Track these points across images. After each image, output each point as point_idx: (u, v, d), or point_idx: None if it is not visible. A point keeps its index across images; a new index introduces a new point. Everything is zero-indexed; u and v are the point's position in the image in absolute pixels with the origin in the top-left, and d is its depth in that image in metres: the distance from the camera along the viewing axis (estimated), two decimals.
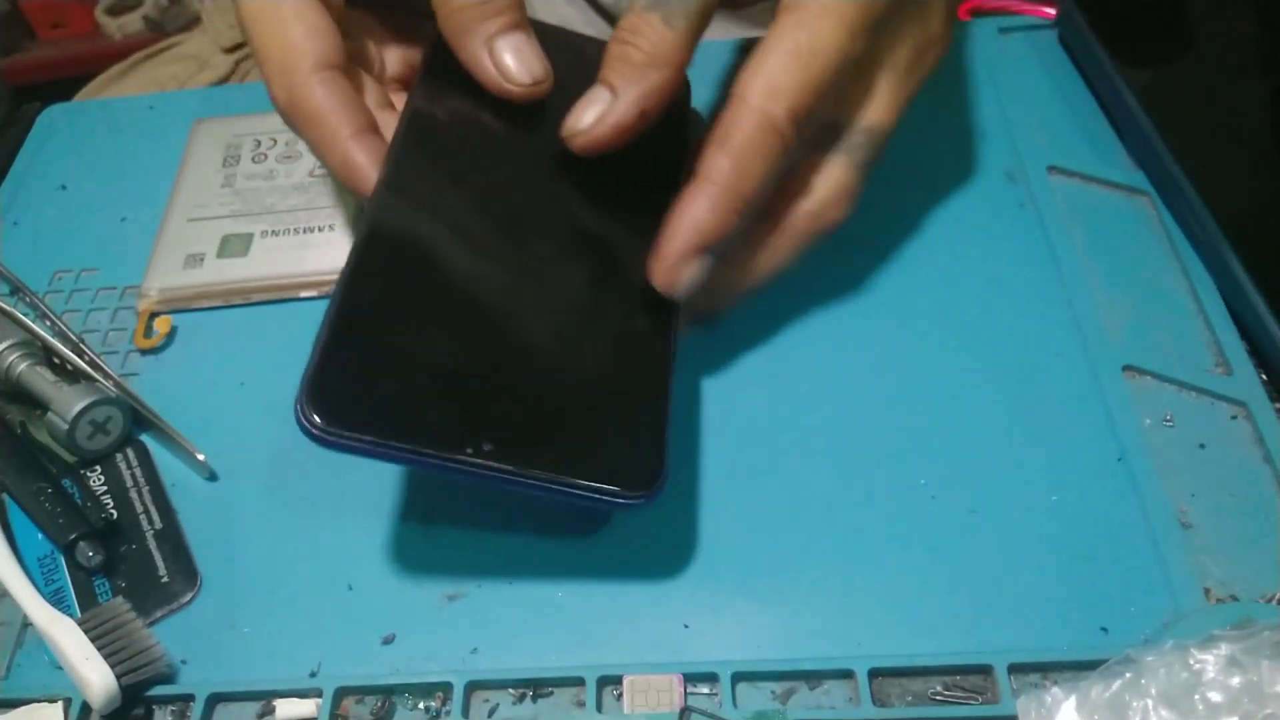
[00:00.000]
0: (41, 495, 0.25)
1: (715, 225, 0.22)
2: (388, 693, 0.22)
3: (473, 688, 0.22)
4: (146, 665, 0.22)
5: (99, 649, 0.22)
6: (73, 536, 0.24)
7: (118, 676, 0.22)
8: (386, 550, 0.24)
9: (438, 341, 0.21)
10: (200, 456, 0.26)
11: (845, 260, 0.29)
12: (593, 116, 0.23)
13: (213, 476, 0.26)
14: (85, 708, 0.22)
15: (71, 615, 0.23)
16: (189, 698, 0.22)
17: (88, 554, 0.24)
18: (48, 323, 0.29)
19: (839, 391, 0.26)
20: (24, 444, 0.27)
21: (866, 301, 0.28)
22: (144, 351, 0.29)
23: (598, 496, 0.21)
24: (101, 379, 0.27)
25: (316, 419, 0.19)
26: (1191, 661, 0.20)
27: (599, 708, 0.22)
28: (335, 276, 0.29)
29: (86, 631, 0.22)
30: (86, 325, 0.30)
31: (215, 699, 0.22)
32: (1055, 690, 0.20)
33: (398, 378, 0.21)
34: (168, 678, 0.23)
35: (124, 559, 0.25)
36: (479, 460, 0.20)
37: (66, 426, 0.26)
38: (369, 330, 0.21)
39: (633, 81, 0.23)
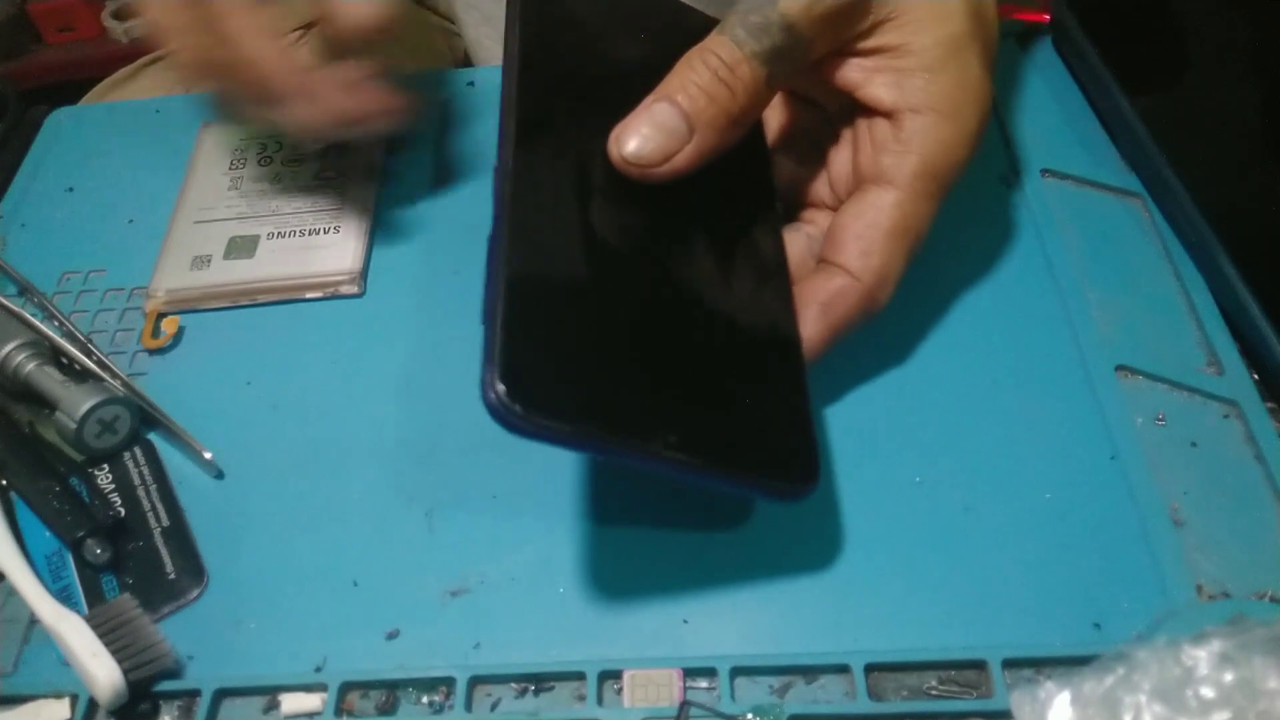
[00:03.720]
0: (49, 493, 0.25)
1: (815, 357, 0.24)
2: (392, 687, 0.23)
3: (475, 682, 0.22)
4: (153, 661, 0.22)
5: (106, 645, 0.22)
6: (80, 534, 0.25)
7: (124, 672, 0.22)
8: (390, 547, 0.25)
9: (604, 328, 0.21)
10: (207, 455, 0.26)
11: None
12: (658, 151, 0.22)
13: (219, 475, 0.27)
14: (92, 703, 0.23)
15: (79, 612, 0.23)
16: (195, 693, 0.23)
17: (95, 551, 0.25)
18: (55, 323, 0.30)
19: (834, 390, 0.26)
20: (32, 443, 0.27)
21: None
22: (151, 352, 0.29)
23: (765, 492, 0.21)
24: (109, 378, 0.28)
25: (518, 407, 0.18)
26: (1184, 658, 0.20)
27: (599, 702, 0.22)
28: (340, 277, 0.30)
29: (94, 628, 0.22)
30: (94, 326, 0.30)
31: (221, 694, 0.23)
32: (1049, 685, 0.20)
33: (582, 365, 0.20)
34: (174, 673, 0.23)
35: (131, 556, 0.25)
36: (668, 454, 0.20)
37: (75, 425, 0.26)
38: (541, 315, 0.20)
39: (719, 130, 0.22)
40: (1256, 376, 0.26)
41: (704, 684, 0.22)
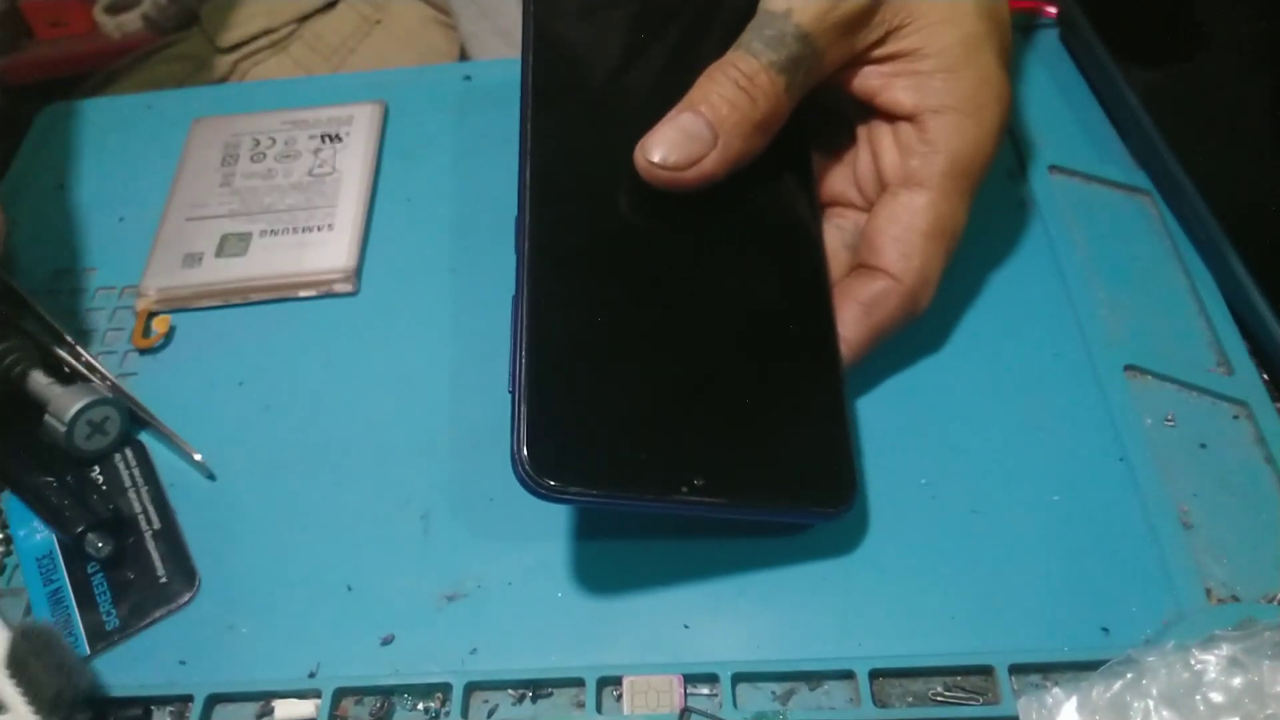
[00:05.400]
0: (48, 489, 0.25)
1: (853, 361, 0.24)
2: (387, 693, 0.22)
3: (472, 688, 0.22)
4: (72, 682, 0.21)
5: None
6: (81, 528, 0.24)
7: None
8: (385, 550, 0.24)
9: (624, 380, 0.21)
10: (197, 456, 0.26)
11: None
12: (685, 156, 0.22)
13: (210, 476, 0.26)
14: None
15: (70, 615, 0.23)
16: (187, 698, 0.22)
17: (97, 545, 0.24)
18: (43, 323, 0.29)
19: None
20: (31, 440, 0.27)
21: None
22: (142, 351, 0.29)
23: (800, 518, 0.22)
24: (98, 380, 0.27)
25: (546, 480, 0.19)
26: (1193, 662, 0.20)
27: (599, 708, 0.22)
28: (333, 275, 0.30)
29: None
30: (85, 325, 0.30)
31: (214, 700, 0.22)
32: (1056, 691, 0.20)
33: (607, 423, 0.21)
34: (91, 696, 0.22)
35: (122, 559, 0.25)
36: (695, 498, 0.20)
37: (64, 428, 0.25)
38: (563, 377, 0.21)
39: (743, 136, 0.23)
40: (1266, 377, 0.26)
41: (705, 690, 0.22)
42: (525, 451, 0.20)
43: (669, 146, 0.22)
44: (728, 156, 0.23)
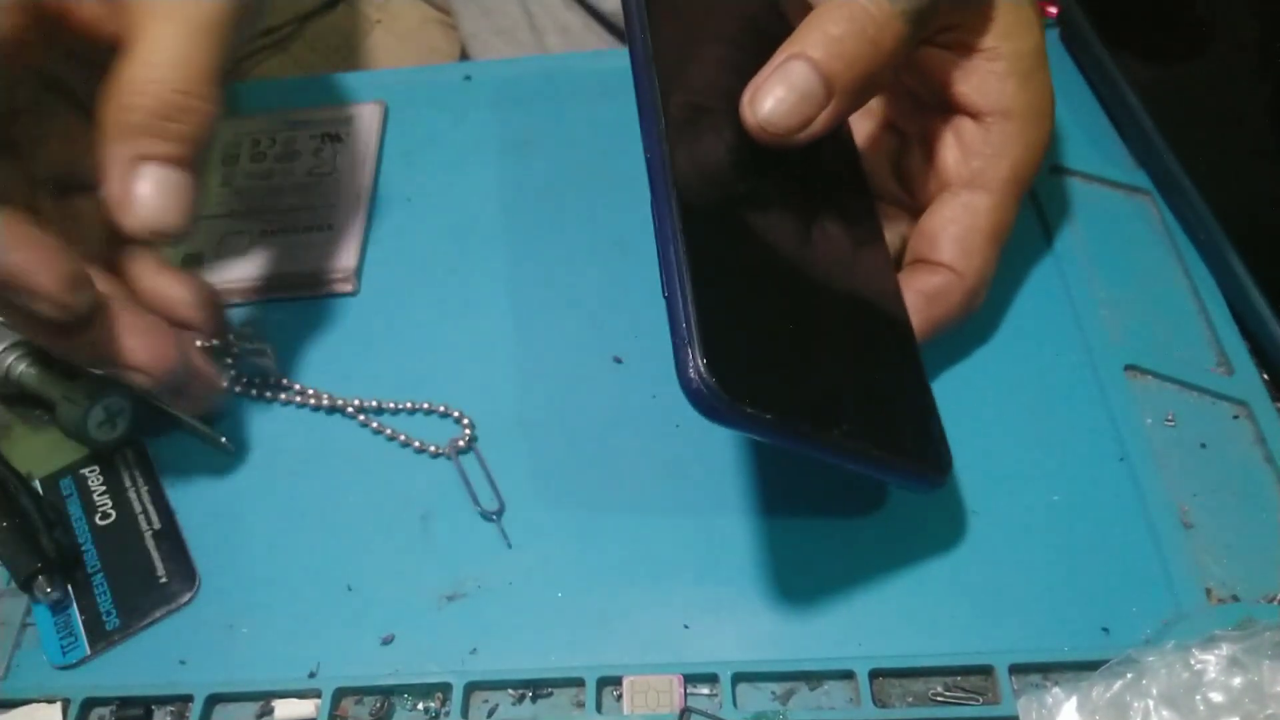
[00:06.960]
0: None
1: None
2: (387, 693, 0.22)
3: (472, 688, 0.22)
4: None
5: None
6: (28, 575, 0.23)
7: None
8: (385, 551, 0.24)
9: (776, 310, 0.20)
10: (222, 439, 0.26)
11: None
12: (797, 120, 0.20)
13: (231, 452, 0.26)
14: (83, 707, 0.22)
15: (70, 615, 0.23)
16: (188, 698, 0.22)
17: (45, 589, 0.23)
18: None
19: None
20: None
21: None
22: None
23: (914, 481, 0.21)
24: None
25: (725, 394, 0.17)
26: (1193, 662, 0.20)
27: (599, 708, 0.22)
28: (333, 275, 0.30)
29: None
30: None
31: (214, 699, 0.22)
32: (1056, 691, 0.20)
33: (767, 349, 0.19)
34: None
35: (122, 559, 0.25)
36: (850, 444, 0.19)
37: (88, 403, 0.25)
38: (724, 298, 0.19)
39: (855, 94, 0.20)
40: (1266, 377, 0.26)
41: (705, 690, 0.22)
42: (700, 360, 0.17)
43: (775, 103, 0.20)
44: (837, 116, 0.21)
